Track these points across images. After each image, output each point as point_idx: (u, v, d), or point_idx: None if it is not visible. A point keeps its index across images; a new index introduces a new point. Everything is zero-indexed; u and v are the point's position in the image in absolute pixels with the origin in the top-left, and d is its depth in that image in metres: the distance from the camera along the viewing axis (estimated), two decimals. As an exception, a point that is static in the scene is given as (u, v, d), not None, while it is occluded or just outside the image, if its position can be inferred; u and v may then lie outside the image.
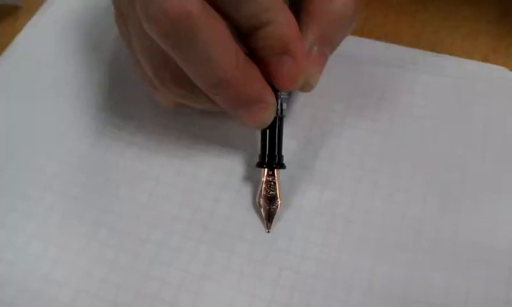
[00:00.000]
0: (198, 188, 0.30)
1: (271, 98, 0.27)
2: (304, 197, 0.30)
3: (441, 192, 0.29)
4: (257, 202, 0.29)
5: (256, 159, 0.29)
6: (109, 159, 0.32)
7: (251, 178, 0.30)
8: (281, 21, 0.24)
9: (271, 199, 0.28)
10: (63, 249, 0.29)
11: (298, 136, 0.32)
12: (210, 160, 0.31)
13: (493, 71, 0.33)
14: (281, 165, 0.29)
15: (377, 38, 0.35)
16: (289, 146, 0.30)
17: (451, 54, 0.34)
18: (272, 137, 0.28)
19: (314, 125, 0.32)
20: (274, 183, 0.29)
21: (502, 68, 0.33)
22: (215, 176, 0.31)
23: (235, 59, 0.24)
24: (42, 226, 0.30)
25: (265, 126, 0.28)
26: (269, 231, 0.29)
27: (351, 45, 0.34)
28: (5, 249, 0.29)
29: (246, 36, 0.25)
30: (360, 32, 0.35)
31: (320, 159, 0.31)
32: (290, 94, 0.30)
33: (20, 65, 0.36)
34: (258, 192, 0.29)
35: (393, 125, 0.32)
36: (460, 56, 0.34)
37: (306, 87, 0.28)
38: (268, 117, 0.27)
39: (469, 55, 0.34)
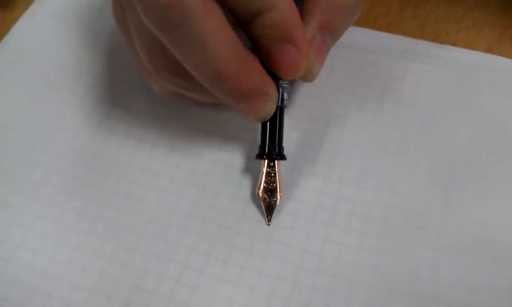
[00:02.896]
0: (197, 182, 0.30)
1: (272, 89, 0.26)
2: (305, 189, 0.29)
3: (446, 185, 0.29)
4: (257, 194, 0.28)
5: (257, 151, 0.29)
6: (107, 153, 0.31)
7: (251, 171, 0.30)
8: (282, 7, 0.24)
9: (271, 191, 0.28)
10: (60, 244, 0.28)
11: (300, 128, 0.31)
12: (210, 153, 0.31)
13: (498, 62, 0.33)
14: (282, 157, 0.28)
15: (381, 28, 0.35)
16: (291, 138, 0.30)
17: (455, 44, 0.34)
18: (272, 127, 0.28)
19: (316, 117, 0.31)
20: (275, 174, 0.28)
21: (506, 59, 0.33)
22: (214, 169, 0.30)
23: (233, 50, 0.24)
24: (39, 220, 0.29)
25: (267, 119, 0.27)
26: (269, 224, 0.28)
27: (354, 35, 0.33)
28: (1, 244, 0.29)
29: (246, 24, 0.24)
30: (363, 22, 0.35)
31: (322, 151, 0.30)
32: (291, 83, 0.30)
33: (16, 58, 0.36)
34: (258, 184, 0.28)
35: (397, 116, 0.31)
36: (464, 47, 0.34)
37: (309, 76, 0.27)
38: (270, 109, 0.26)
39: (473, 46, 0.34)
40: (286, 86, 0.27)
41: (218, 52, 0.23)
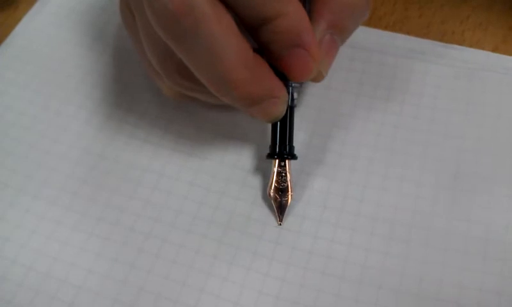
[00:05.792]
0: (203, 182, 0.30)
1: (282, 92, 0.26)
2: (312, 191, 0.29)
3: (453, 186, 0.28)
4: (268, 194, 0.28)
5: (264, 151, 0.29)
6: (111, 153, 0.31)
7: (258, 171, 0.30)
8: (291, 13, 0.23)
9: (283, 191, 0.28)
10: (63, 245, 0.28)
11: (306, 128, 0.31)
12: (216, 154, 0.31)
13: (505, 62, 0.32)
14: (293, 156, 0.28)
15: (386, 28, 0.35)
16: (297, 138, 0.30)
17: (461, 44, 0.34)
18: (283, 127, 0.28)
19: (322, 117, 0.31)
20: (286, 174, 0.28)
21: (512, 58, 0.33)
22: (220, 170, 0.30)
23: (244, 57, 0.23)
24: (42, 221, 0.29)
25: (278, 120, 0.27)
26: (281, 224, 0.28)
27: (359, 35, 0.33)
28: (5, 245, 0.28)
29: (255, 30, 0.24)
30: (368, 22, 0.35)
31: (328, 152, 0.30)
32: (301, 83, 0.29)
33: (19, 57, 0.35)
34: (270, 183, 0.28)
35: (403, 116, 0.31)
36: (470, 46, 0.34)
37: (318, 77, 0.27)
38: (280, 111, 0.26)
39: (479, 46, 0.34)
40: (296, 85, 0.27)
41: (229, 60, 0.23)
